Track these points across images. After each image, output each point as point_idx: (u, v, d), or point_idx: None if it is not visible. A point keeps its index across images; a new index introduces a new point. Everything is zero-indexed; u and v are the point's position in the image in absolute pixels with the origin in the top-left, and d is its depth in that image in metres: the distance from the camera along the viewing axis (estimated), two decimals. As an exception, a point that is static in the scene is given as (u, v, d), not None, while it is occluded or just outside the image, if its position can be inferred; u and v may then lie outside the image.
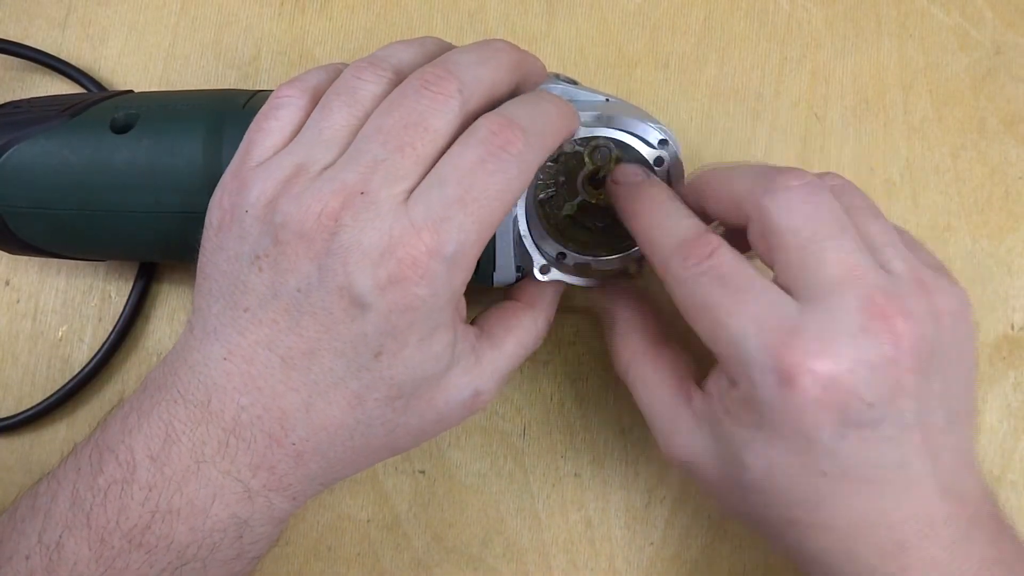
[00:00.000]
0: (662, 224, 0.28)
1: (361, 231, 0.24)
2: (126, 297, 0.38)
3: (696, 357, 0.30)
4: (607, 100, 0.31)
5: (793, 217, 0.26)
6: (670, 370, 0.30)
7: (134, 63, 0.40)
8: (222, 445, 0.26)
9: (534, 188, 0.31)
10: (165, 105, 0.32)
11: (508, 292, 0.32)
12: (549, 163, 0.31)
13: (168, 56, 0.40)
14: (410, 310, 0.25)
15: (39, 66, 0.40)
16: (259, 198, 0.26)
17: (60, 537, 0.25)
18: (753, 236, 0.27)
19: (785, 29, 0.39)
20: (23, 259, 0.39)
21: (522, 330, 0.30)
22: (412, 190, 0.25)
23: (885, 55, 0.39)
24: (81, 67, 0.39)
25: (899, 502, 0.26)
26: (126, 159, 0.31)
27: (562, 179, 0.31)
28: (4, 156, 0.31)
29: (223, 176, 0.28)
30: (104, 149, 0.31)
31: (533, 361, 0.38)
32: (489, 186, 0.25)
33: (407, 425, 0.27)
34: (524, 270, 0.32)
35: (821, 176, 0.28)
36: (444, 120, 0.26)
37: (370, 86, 0.27)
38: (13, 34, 0.40)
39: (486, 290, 0.32)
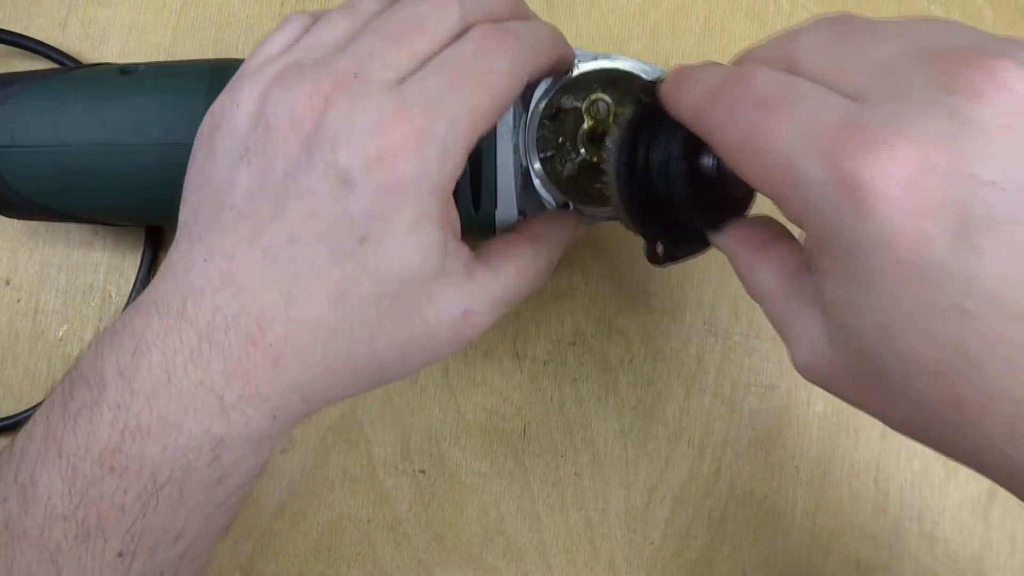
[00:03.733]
0: (695, 84, 0.24)
1: (351, 108, 0.24)
2: (126, 297, 0.38)
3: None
4: (606, 57, 0.32)
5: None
6: (781, 267, 0.24)
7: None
8: (194, 352, 0.24)
9: (535, 143, 0.31)
10: (172, 62, 0.34)
11: (512, 227, 0.31)
12: (546, 121, 0.31)
13: (168, 56, 0.40)
14: (398, 190, 0.24)
15: (42, 59, 0.40)
16: (251, 93, 0.25)
17: (33, 472, 0.24)
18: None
19: (785, 29, 0.39)
20: (23, 259, 0.39)
21: (521, 260, 0.29)
22: (406, 79, 0.25)
23: (885, 55, 0.39)
24: (81, 67, 0.39)
25: None
26: (130, 95, 0.32)
27: (561, 139, 0.31)
28: (9, 100, 0.32)
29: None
30: (110, 86, 0.32)
31: (533, 361, 0.38)
32: (481, 75, 0.25)
33: (391, 334, 0.26)
34: (527, 214, 0.32)
35: None
36: (443, 25, 0.26)
37: (372, 3, 0.27)
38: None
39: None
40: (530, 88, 0.30)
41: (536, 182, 0.31)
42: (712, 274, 0.38)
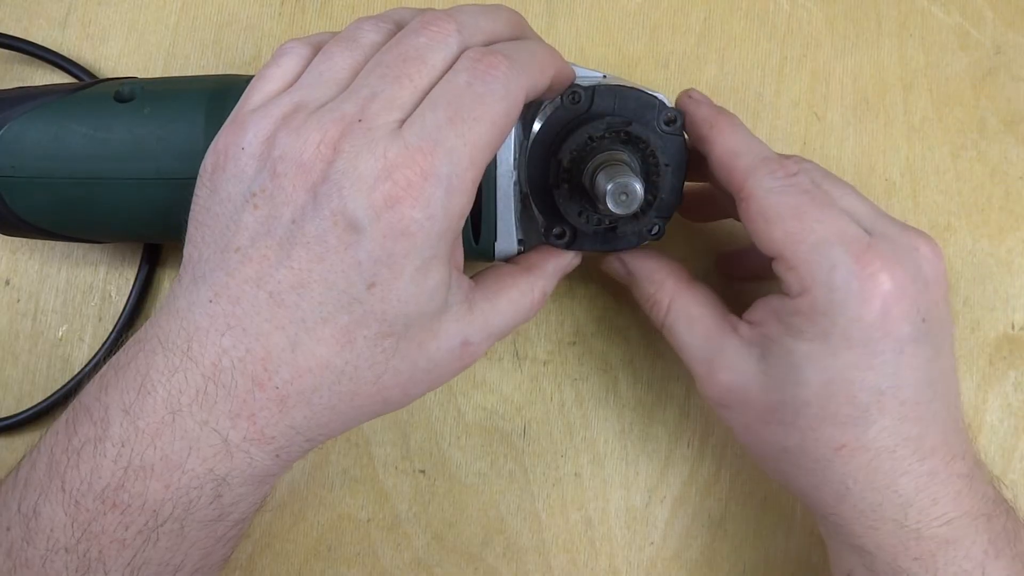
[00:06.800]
0: (747, 142, 0.30)
1: (357, 156, 0.24)
2: (126, 297, 0.38)
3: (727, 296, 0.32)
4: (604, 77, 0.32)
5: (783, 201, 0.28)
6: (711, 304, 0.31)
7: (134, 63, 0.40)
8: (199, 392, 0.24)
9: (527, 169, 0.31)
10: (169, 81, 0.33)
11: (509, 260, 0.32)
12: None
13: (168, 56, 0.40)
14: (406, 235, 0.24)
15: (41, 62, 0.40)
16: (256, 135, 0.25)
17: (36, 504, 0.25)
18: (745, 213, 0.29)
19: (785, 29, 0.39)
20: (23, 259, 0.39)
21: (517, 291, 0.30)
22: (408, 118, 0.25)
23: (885, 55, 0.39)
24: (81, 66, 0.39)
25: (928, 428, 0.27)
26: (128, 125, 0.31)
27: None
28: (7, 126, 0.32)
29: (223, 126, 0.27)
30: (107, 115, 0.32)
31: (533, 361, 0.38)
32: (476, 107, 0.25)
33: (396, 371, 0.26)
34: (526, 243, 0.32)
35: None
36: (441, 56, 0.26)
37: (371, 34, 0.27)
38: (13, 33, 0.40)
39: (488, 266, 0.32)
40: (530, 112, 0.30)
41: (535, 209, 0.31)
42: (711, 274, 0.38)
